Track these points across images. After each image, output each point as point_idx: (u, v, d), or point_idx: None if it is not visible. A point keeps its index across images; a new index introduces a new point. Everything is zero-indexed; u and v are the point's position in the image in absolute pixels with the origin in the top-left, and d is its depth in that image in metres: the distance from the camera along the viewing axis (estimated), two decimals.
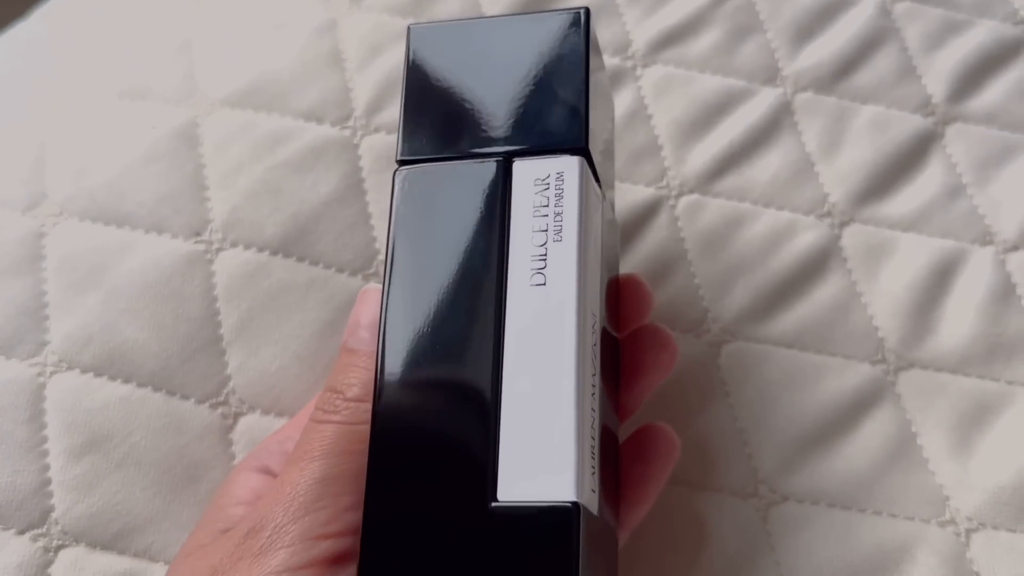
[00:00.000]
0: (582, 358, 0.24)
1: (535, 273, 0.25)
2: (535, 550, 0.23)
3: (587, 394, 0.24)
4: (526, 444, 0.24)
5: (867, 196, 0.39)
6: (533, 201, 0.26)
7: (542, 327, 0.25)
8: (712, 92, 0.40)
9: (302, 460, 0.26)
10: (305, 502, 0.25)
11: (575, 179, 0.26)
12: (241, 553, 0.25)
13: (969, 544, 0.33)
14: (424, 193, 0.27)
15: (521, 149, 0.27)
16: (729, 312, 0.37)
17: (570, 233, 0.25)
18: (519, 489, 0.23)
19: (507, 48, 0.28)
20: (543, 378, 0.24)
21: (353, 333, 0.28)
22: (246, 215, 0.37)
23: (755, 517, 0.34)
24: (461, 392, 0.24)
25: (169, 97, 0.39)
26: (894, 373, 0.36)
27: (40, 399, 0.34)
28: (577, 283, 0.25)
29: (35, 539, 0.33)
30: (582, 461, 0.23)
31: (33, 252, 0.37)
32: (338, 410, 0.27)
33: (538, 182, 0.26)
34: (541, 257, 0.25)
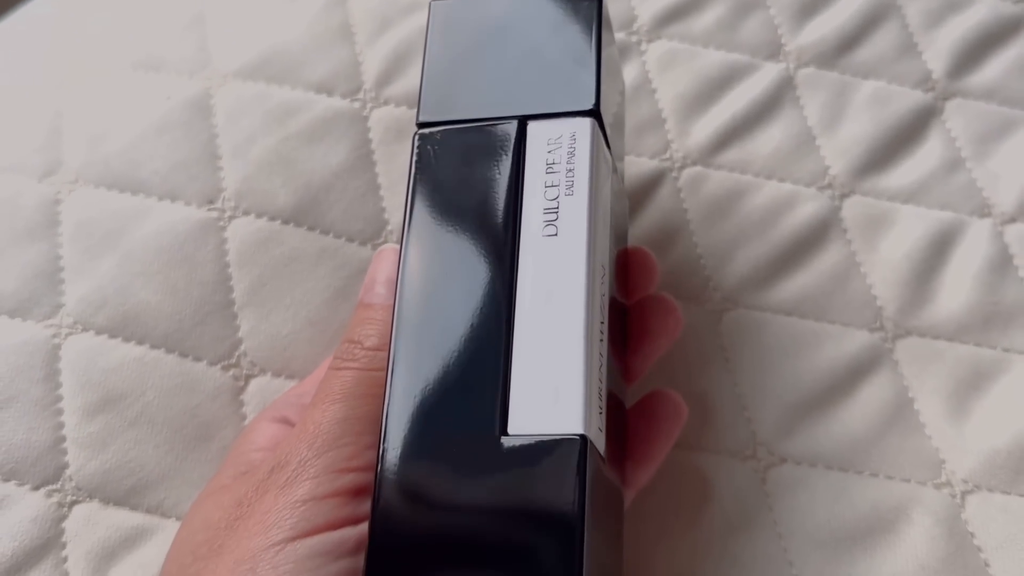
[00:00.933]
0: (591, 303, 0.25)
1: (547, 224, 0.26)
2: (543, 479, 0.24)
3: (595, 338, 0.25)
4: (536, 381, 0.25)
5: (867, 169, 0.39)
6: (546, 159, 0.27)
7: (554, 273, 0.26)
8: (716, 67, 0.41)
9: (323, 403, 0.27)
10: (328, 439, 0.26)
11: (587, 138, 0.27)
12: (267, 486, 0.26)
13: (964, 505, 0.34)
14: (442, 154, 0.28)
15: (536, 113, 0.28)
16: (730, 280, 0.37)
17: (581, 187, 0.27)
18: (529, 422, 0.24)
19: (524, 19, 0.29)
20: (554, 320, 0.25)
21: (369, 289, 0.29)
22: (258, 184, 0.38)
23: (754, 478, 0.34)
24: (474, 333, 0.25)
25: (183, 69, 0.40)
26: (892, 340, 0.36)
27: (55, 359, 0.35)
28: (588, 232, 0.26)
29: (50, 495, 0.33)
30: (590, 398, 0.24)
31: (49, 218, 0.37)
32: (356, 358, 0.28)
33: (551, 142, 0.27)
34: (553, 210, 0.26)
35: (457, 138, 0.28)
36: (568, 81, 0.28)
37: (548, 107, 0.28)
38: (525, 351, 0.25)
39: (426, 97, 0.29)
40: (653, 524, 0.34)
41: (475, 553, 0.23)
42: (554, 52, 0.29)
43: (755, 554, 0.33)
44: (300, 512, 0.25)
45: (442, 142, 0.28)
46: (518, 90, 0.28)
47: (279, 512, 0.25)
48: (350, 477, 0.26)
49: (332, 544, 0.25)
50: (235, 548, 0.25)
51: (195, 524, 0.28)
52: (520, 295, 0.26)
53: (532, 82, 0.28)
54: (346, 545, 0.25)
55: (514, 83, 0.29)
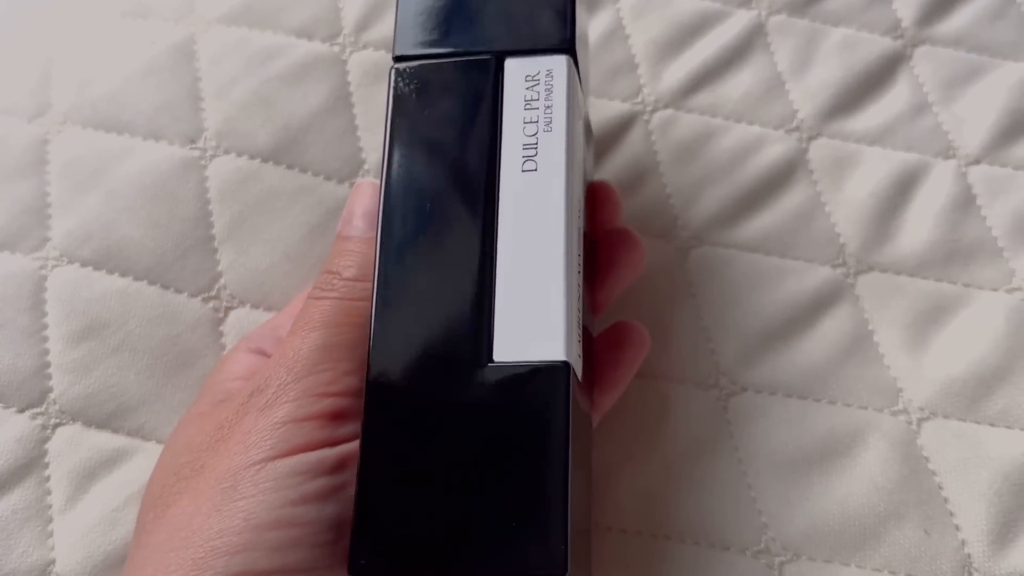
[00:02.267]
0: (570, 236, 0.26)
1: (527, 160, 0.27)
2: (530, 404, 0.24)
3: (574, 270, 0.26)
4: (519, 311, 0.25)
5: (835, 112, 0.40)
6: (524, 96, 0.28)
7: (533, 206, 0.26)
8: (688, 14, 0.42)
9: (303, 330, 0.28)
10: (308, 364, 0.27)
11: (563, 76, 0.28)
12: (247, 409, 0.27)
13: (920, 431, 0.35)
14: (420, 88, 0.28)
15: (513, 49, 0.28)
16: (697, 219, 0.38)
17: (559, 124, 0.27)
18: (513, 350, 0.25)
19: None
20: (534, 251, 0.26)
21: (348, 222, 0.30)
22: (239, 125, 0.39)
23: (716, 406, 0.35)
24: (457, 265, 0.26)
25: (168, 16, 0.41)
26: (853, 276, 0.37)
27: (41, 290, 0.36)
28: (566, 167, 0.27)
29: (34, 417, 0.35)
30: (571, 327, 0.25)
31: (38, 157, 0.39)
32: (335, 287, 0.28)
33: (528, 78, 0.28)
34: (532, 146, 0.27)
35: (435, 72, 0.28)
36: (545, 18, 0.29)
37: (525, 43, 0.28)
38: (507, 282, 0.26)
39: (402, 30, 0.29)
40: (618, 448, 0.35)
41: (463, 480, 0.24)
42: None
43: (715, 477, 0.34)
44: (279, 433, 0.26)
45: (419, 76, 0.28)
46: (495, 25, 0.29)
47: (259, 433, 0.26)
48: (329, 401, 0.26)
49: (311, 464, 0.25)
50: (216, 467, 0.26)
51: (177, 447, 0.29)
52: (501, 228, 0.26)
53: (509, 17, 0.29)
54: (324, 464, 0.26)
55: (491, 17, 0.29)
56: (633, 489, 0.34)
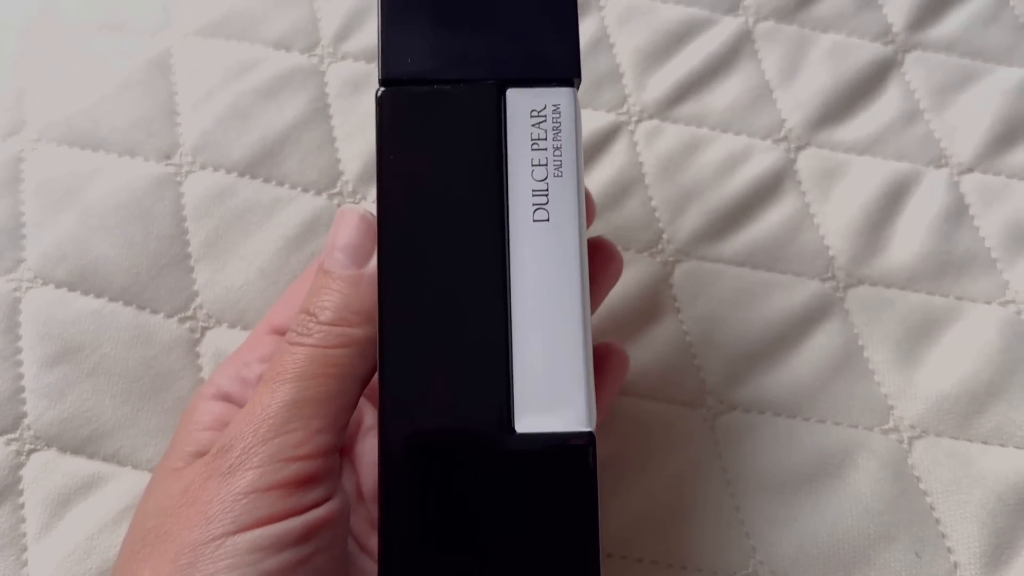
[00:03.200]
0: (585, 293, 0.25)
1: (538, 209, 0.25)
2: (554, 478, 0.24)
3: (589, 325, 0.25)
4: (538, 375, 0.24)
5: (824, 121, 0.39)
6: (531, 134, 0.26)
7: (548, 261, 0.25)
8: (674, 21, 0.41)
9: (273, 382, 0.26)
10: (275, 424, 0.25)
11: (571, 111, 0.26)
12: (210, 472, 0.26)
13: (911, 450, 0.34)
14: (413, 120, 0.26)
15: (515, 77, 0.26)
16: (683, 233, 0.37)
17: (570, 167, 0.25)
18: (535, 420, 0.24)
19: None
20: (552, 313, 0.25)
21: (329, 254, 0.28)
22: (214, 139, 0.38)
23: (703, 426, 0.35)
24: (471, 326, 0.25)
25: (144, 29, 0.41)
26: (843, 289, 0.36)
27: (16, 312, 0.36)
28: (579, 219, 0.25)
29: (8, 443, 0.34)
30: (590, 391, 0.24)
31: (12, 175, 0.38)
32: (311, 333, 0.27)
33: (535, 114, 0.26)
34: (543, 192, 0.25)
35: (429, 100, 0.26)
36: (548, 42, 0.26)
37: (529, 71, 0.26)
38: (524, 345, 0.24)
39: (388, 49, 0.26)
40: (605, 471, 0.34)
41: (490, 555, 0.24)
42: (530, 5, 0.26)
43: (703, 499, 0.33)
44: (241, 505, 0.25)
45: (411, 105, 0.26)
46: (493, 47, 0.26)
47: (221, 503, 0.25)
48: (296, 466, 0.25)
49: (273, 537, 0.24)
50: (177, 538, 0.25)
51: (147, 509, 0.27)
52: (514, 285, 0.25)
53: (508, 39, 0.26)
54: (288, 537, 0.25)
55: (488, 37, 0.26)
56: (618, 513, 0.33)
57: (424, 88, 0.26)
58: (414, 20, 0.26)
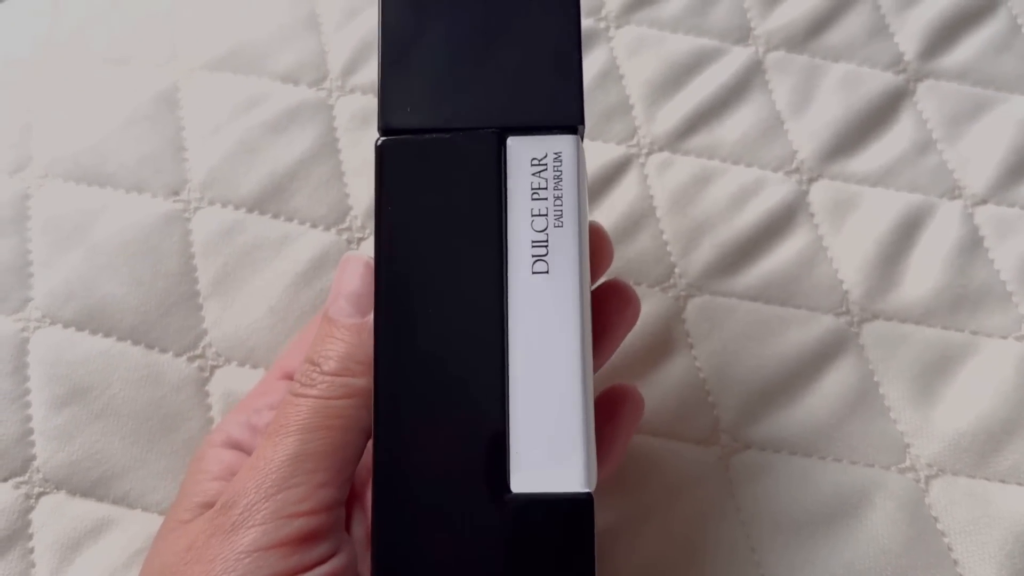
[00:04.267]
0: (585, 347, 0.24)
1: (537, 260, 0.25)
2: (551, 540, 0.23)
3: (590, 380, 0.25)
4: (536, 435, 0.24)
5: (836, 152, 0.39)
6: (531, 183, 0.25)
7: (547, 317, 0.24)
8: (684, 52, 0.41)
9: (277, 435, 0.26)
10: (278, 479, 0.25)
11: (572, 160, 0.25)
12: (213, 529, 0.25)
13: (928, 490, 0.34)
14: (413, 169, 0.25)
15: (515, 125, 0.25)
16: (695, 267, 0.37)
17: (570, 218, 0.25)
18: (531, 481, 0.24)
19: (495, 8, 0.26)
20: (550, 369, 0.24)
21: (334, 302, 0.28)
22: (223, 175, 0.38)
23: (717, 465, 0.34)
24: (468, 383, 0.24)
25: (151, 62, 0.40)
26: (858, 324, 0.36)
27: (24, 352, 0.35)
28: (580, 271, 0.25)
29: (17, 486, 0.34)
30: (589, 451, 0.24)
31: (19, 213, 0.38)
32: (314, 384, 0.26)
33: (535, 162, 0.25)
34: (542, 244, 0.25)
35: (429, 150, 0.25)
36: (550, 88, 0.25)
37: (529, 119, 0.25)
38: (522, 402, 0.24)
39: (389, 97, 0.26)
40: (616, 511, 0.34)
41: None
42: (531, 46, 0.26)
43: (718, 540, 0.33)
44: (244, 564, 0.24)
45: (411, 155, 0.26)
46: (494, 94, 0.26)
47: (224, 562, 0.25)
48: (299, 523, 0.25)
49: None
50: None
51: (154, 565, 0.27)
52: (512, 340, 0.24)
53: (508, 84, 0.26)
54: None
55: (488, 84, 0.26)
56: (631, 554, 0.33)
57: (424, 137, 0.25)
58: (414, 67, 0.26)
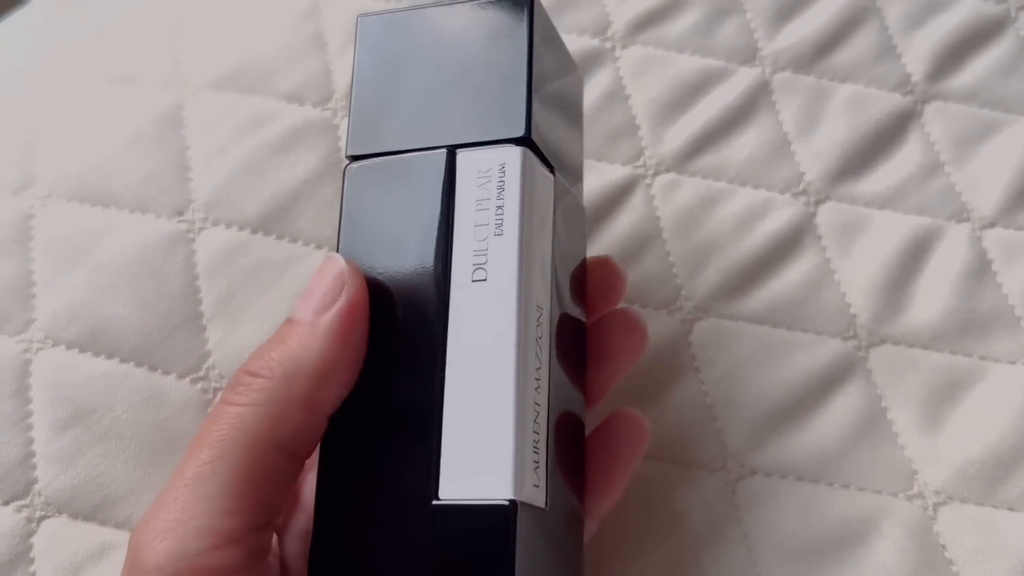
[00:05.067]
0: (523, 354, 0.24)
1: (476, 269, 0.25)
2: (474, 548, 0.23)
3: (529, 389, 0.24)
4: (467, 442, 0.24)
5: (843, 174, 0.39)
6: (476, 195, 0.26)
7: (483, 324, 0.25)
8: (690, 72, 0.41)
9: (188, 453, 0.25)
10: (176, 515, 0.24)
11: (517, 170, 0.26)
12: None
13: (936, 517, 0.33)
14: (372, 189, 0.27)
15: (466, 142, 0.26)
16: (702, 289, 0.37)
17: (511, 226, 0.25)
18: (460, 488, 0.24)
19: (452, 37, 0.28)
20: (484, 376, 0.24)
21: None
22: (227, 195, 0.38)
23: (724, 491, 0.34)
24: (406, 392, 0.25)
25: (155, 82, 0.40)
26: (865, 349, 0.36)
27: (26, 374, 0.35)
28: (518, 277, 0.25)
29: (19, 510, 0.33)
30: (521, 458, 0.24)
31: (22, 232, 0.38)
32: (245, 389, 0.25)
33: (480, 175, 0.26)
34: (483, 252, 0.25)
35: (387, 171, 0.27)
36: (498, 104, 0.26)
37: (478, 135, 0.26)
38: (455, 411, 0.24)
39: (355, 127, 0.28)
40: (622, 538, 0.33)
41: None
42: (484, 71, 0.27)
43: (725, 567, 0.33)
44: None
45: (371, 177, 0.27)
46: (447, 115, 0.27)
47: None
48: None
49: None
50: None
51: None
52: (450, 348, 0.25)
53: (461, 106, 0.27)
54: None
55: (443, 107, 0.27)
56: None
57: (385, 159, 0.27)
58: (382, 96, 0.28)
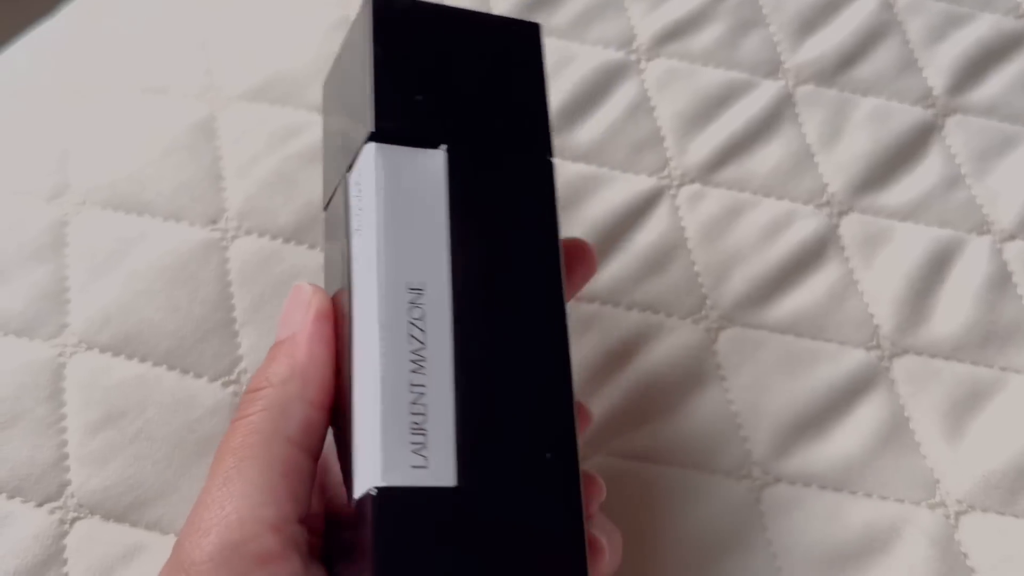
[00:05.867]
0: (389, 341, 0.24)
1: (353, 271, 0.26)
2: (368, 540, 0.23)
3: (402, 372, 0.24)
4: (362, 441, 0.24)
5: (866, 186, 0.39)
6: (356, 205, 0.27)
7: (361, 323, 0.25)
8: (715, 85, 0.41)
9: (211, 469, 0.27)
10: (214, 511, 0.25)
11: (370, 167, 0.26)
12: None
13: (958, 526, 0.34)
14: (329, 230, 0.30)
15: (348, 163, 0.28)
16: (727, 299, 0.37)
17: (369, 223, 0.26)
18: (361, 485, 0.24)
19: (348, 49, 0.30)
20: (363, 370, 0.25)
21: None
22: (260, 204, 0.38)
23: (748, 498, 0.34)
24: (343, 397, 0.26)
25: (188, 92, 0.41)
26: (888, 359, 0.36)
27: (60, 378, 0.36)
28: (376, 270, 0.25)
29: (52, 511, 0.34)
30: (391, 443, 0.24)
31: (57, 239, 0.38)
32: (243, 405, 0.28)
33: (356, 185, 0.27)
34: (355, 257, 0.26)
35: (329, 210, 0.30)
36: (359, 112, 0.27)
37: (353, 151, 0.27)
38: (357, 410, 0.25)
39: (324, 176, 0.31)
40: (648, 544, 0.34)
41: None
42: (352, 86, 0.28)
43: (749, 574, 0.33)
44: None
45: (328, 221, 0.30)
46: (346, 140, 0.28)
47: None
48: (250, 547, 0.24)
49: None
50: None
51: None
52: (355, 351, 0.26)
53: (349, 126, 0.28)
54: None
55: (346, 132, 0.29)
56: None
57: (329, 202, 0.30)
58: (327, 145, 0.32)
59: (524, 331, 0.26)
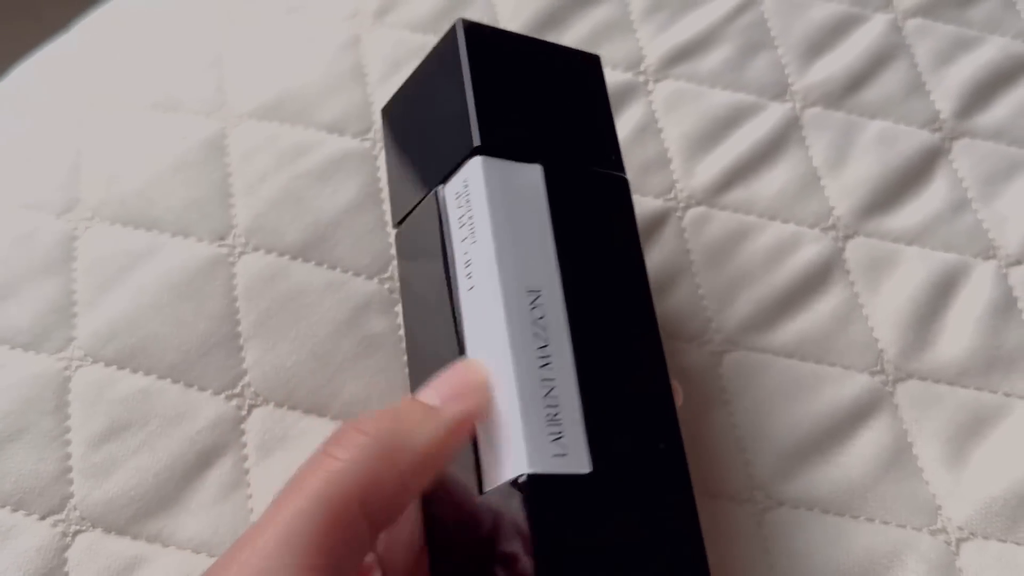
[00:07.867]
0: (521, 338, 0.26)
1: (467, 278, 0.27)
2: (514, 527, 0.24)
3: (533, 367, 0.26)
4: (493, 435, 0.26)
5: (872, 210, 0.39)
6: (457, 216, 0.28)
7: (483, 325, 0.27)
8: (722, 107, 0.41)
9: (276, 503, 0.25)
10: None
11: (479, 178, 0.28)
12: None
13: (959, 553, 0.34)
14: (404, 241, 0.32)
15: (444, 176, 0.29)
16: (731, 322, 0.37)
17: (483, 231, 0.27)
18: (495, 477, 0.25)
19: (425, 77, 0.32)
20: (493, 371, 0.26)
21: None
22: (268, 221, 0.39)
23: (750, 522, 0.34)
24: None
25: (199, 109, 0.41)
26: (892, 384, 0.36)
27: (65, 391, 0.36)
28: (499, 275, 0.26)
29: (55, 524, 0.34)
30: (534, 433, 0.25)
31: (65, 253, 0.38)
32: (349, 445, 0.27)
33: (458, 196, 0.28)
34: (468, 262, 0.27)
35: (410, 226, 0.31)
36: (454, 128, 0.29)
37: (447, 162, 0.29)
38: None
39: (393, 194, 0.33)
40: None
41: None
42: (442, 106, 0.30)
43: None
44: None
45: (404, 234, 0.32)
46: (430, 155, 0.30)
47: None
48: None
49: None
50: None
51: None
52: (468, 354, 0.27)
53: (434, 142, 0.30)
54: None
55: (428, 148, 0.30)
56: None
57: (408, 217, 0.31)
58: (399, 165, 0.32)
59: (625, 329, 0.29)
